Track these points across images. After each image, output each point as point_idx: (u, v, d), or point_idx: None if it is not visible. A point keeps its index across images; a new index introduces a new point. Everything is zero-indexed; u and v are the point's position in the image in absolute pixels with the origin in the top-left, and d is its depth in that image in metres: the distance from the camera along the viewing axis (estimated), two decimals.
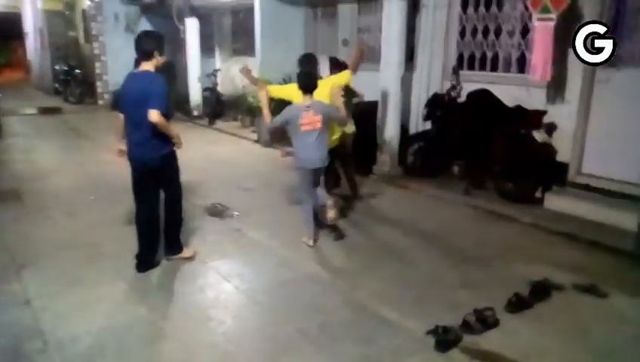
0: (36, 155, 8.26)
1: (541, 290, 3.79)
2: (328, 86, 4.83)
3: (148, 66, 3.88)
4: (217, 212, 5.55)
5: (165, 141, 3.93)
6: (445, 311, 3.52)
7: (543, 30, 5.28)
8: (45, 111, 13.07)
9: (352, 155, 5.77)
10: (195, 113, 12.19)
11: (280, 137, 9.79)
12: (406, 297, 3.74)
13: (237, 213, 5.51)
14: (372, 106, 7.00)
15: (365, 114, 6.65)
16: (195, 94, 12.18)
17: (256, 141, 9.67)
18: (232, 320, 3.45)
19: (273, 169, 7.74)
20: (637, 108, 5.15)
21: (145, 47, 3.87)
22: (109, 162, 7.94)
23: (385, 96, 6.83)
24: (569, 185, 5.72)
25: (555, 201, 5.56)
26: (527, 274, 4.08)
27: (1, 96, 8.64)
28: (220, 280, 4.02)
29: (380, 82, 6.88)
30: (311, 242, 4.63)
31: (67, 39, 16.55)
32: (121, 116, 4.00)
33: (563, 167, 5.77)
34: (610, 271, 4.23)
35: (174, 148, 4.04)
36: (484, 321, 3.35)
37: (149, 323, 3.39)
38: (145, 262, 4.11)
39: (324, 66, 9.11)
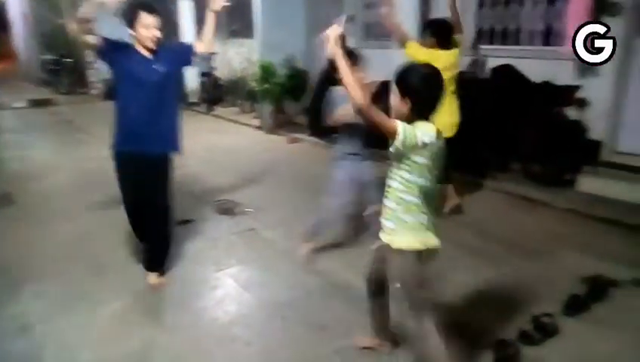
0: (29, 152, 7.78)
1: (597, 288, 3.42)
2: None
3: None
4: (227, 209, 5.14)
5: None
6: (498, 317, 3.15)
7: None
8: (35, 103, 12.52)
9: None
10: (192, 99, 11.70)
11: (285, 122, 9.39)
12: (453, 302, 3.35)
13: (250, 210, 5.09)
14: (384, 87, 6.54)
15: (376, 95, 6.21)
16: (191, 79, 11.65)
17: (259, 127, 9.24)
18: (258, 339, 3.05)
19: (280, 157, 7.32)
20: None
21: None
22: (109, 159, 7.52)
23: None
24: (603, 165, 5.32)
25: (589, 183, 5.16)
26: (577, 268, 3.71)
27: None
28: (240, 291, 3.61)
29: (392, 61, 6.39)
30: None
31: (55, 26, 15.89)
32: None
33: (596, 146, 5.37)
34: None
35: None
36: (544, 329, 2.98)
37: (164, 348, 2.98)
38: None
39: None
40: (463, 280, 3.62)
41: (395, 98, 2.23)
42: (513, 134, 5.55)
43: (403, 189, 2.25)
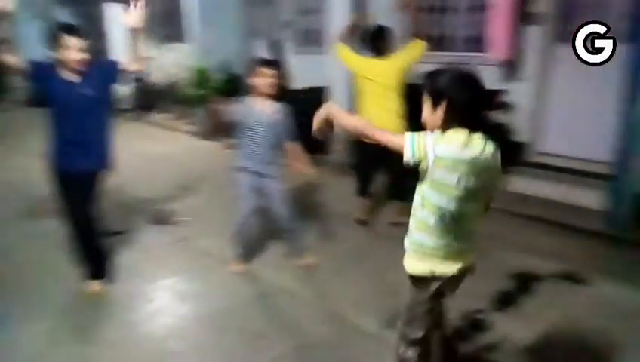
0: None
1: (524, 283, 3.60)
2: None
3: None
4: (161, 219, 4.99)
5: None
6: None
7: (501, 4, 5.07)
8: None
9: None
10: (124, 106, 11.29)
11: (220, 129, 9.24)
12: (384, 303, 3.39)
13: (187, 219, 4.97)
14: (317, 93, 6.57)
15: (310, 101, 6.25)
16: (122, 85, 11.25)
17: (194, 133, 9.05)
18: (195, 352, 2.98)
19: (216, 164, 7.18)
20: (596, 85, 5.03)
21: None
22: (31, 168, 7.16)
23: (333, 81, 6.44)
24: (529, 166, 5.59)
25: (516, 183, 5.41)
26: (505, 264, 3.89)
27: None
28: (175, 302, 3.52)
29: (325, 67, 6.46)
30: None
31: None
32: None
33: (522, 147, 5.64)
34: (585, 254, 4.12)
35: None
36: (474, 325, 3.11)
37: None
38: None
39: (262, 51, 8.65)
40: (393, 279, 3.68)
41: (425, 108, 1.96)
42: None
43: (419, 204, 2.06)
